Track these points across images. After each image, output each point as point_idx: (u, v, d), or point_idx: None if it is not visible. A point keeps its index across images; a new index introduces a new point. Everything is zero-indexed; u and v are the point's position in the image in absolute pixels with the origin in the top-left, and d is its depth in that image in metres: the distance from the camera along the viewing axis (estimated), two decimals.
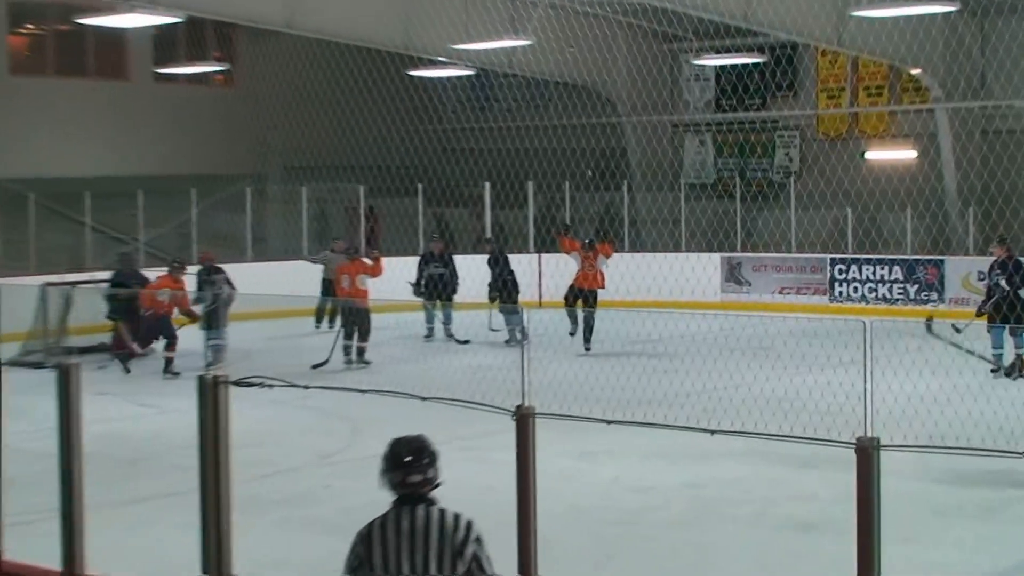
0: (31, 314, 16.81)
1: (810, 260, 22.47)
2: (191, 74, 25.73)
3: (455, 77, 26.56)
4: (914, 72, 23.19)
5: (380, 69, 23.31)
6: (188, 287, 16.75)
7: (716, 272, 22.81)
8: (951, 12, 19.36)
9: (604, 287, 17.84)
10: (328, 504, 9.38)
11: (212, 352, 15.61)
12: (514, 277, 18.88)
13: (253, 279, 18.00)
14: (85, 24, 19.41)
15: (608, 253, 17.94)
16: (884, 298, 21.54)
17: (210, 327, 15.87)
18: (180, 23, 19.83)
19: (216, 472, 5.43)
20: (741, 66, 25.27)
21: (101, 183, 22.53)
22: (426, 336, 19.17)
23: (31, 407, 7.63)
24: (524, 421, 5.05)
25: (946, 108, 23.22)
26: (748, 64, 25.00)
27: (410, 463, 4.27)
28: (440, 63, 22.94)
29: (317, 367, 15.75)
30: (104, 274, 18.45)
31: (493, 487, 7.55)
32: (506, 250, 20.01)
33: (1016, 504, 9.39)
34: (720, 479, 9.99)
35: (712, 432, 5.21)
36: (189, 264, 17.50)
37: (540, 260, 22.98)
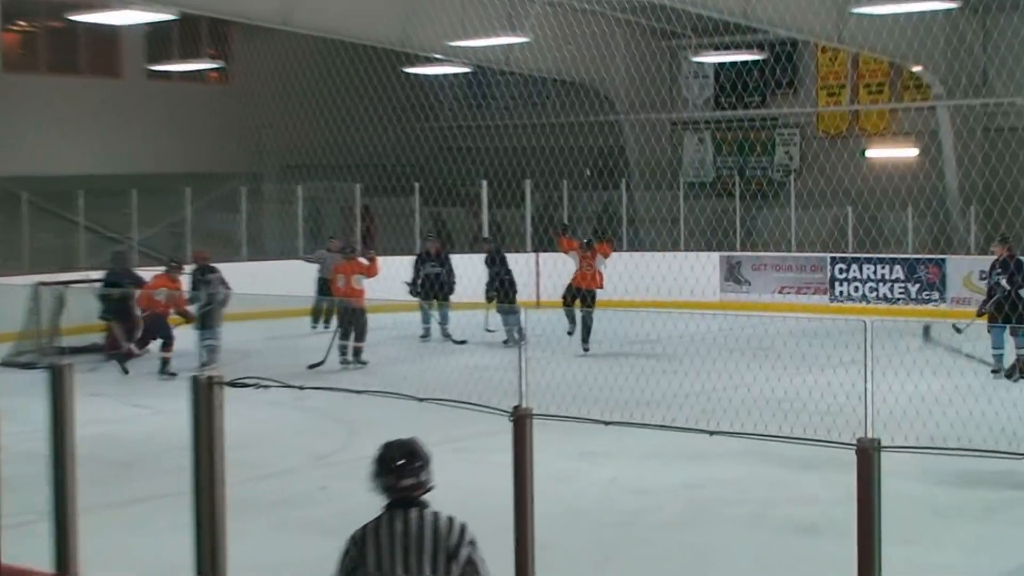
0: (23, 314, 16.76)
1: (810, 259, 22.42)
2: (185, 72, 25.69)
3: (452, 75, 26.53)
4: (915, 69, 23.15)
5: (376, 67, 23.23)
6: (183, 287, 16.69)
7: (715, 271, 22.75)
8: (952, 9, 19.36)
9: (602, 287, 17.81)
10: (324, 506, 9.34)
11: (206, 352, 15.58)
12: (512, 277, 18.82)
13: (248, 279, 17.89)
14: (78, 21, 19.36)
15: (607, 253, 17.89)
16: (885, 298, 21.49)
17: (204, 327, 15.83)
18: (174, 20, 19.74)
19: (210, 474, 5.44)
20: (741, 63, 25.26)
21: (94, 181, 22.50)
22: (422, 336, 19.13)
23: (23, 408, 7.58)
24: (521, 422, 5.04)
25: (947, 106, 23.20)
26: (748, 61, 24.98)
27: (402, 467, 4.25)
28: (437, 60, 22.91)
29: (313, 367, 15.76)
30: (97, 273, 18.35)
31: (490, 489, 7.46)
32: (503, 249, 19.94)
33: (1018, 505, 9.37)
34: (719, 480, 9.97)
35: (711, 433, 5.20)
36: (186, 264, 17.43)
37: (538, 259, 22.92)
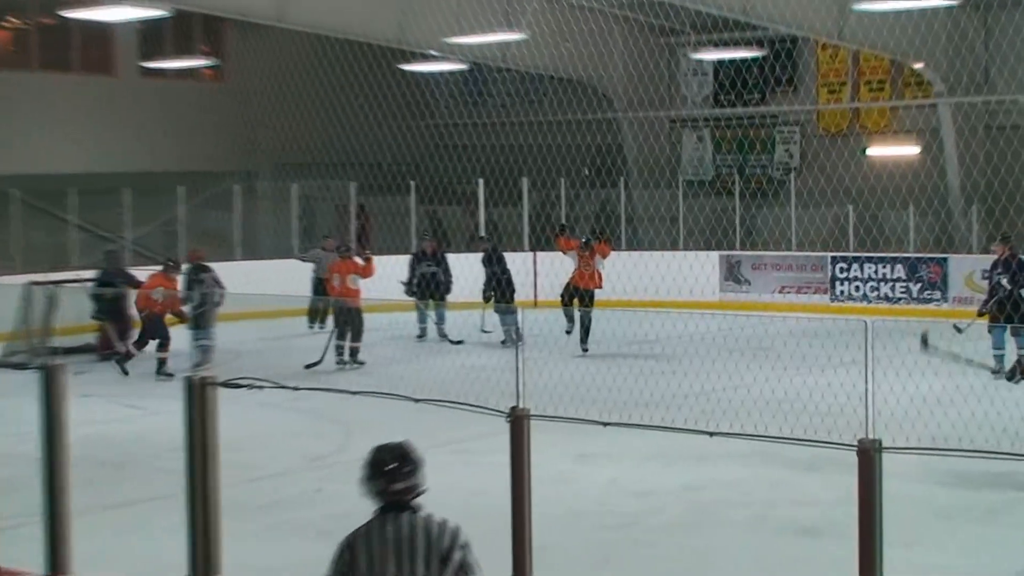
0: (15, 314, 16.72)
1: (811, 258, 22.35)
2: (179, 69, 25.65)
3: (448, 71, 26.42)
4: (916, 66, 23.09)
5: (371, 64, 23.15)
6: (180, 287, 16.63)
7: (715, 271, 22.68)
8: (954, 5, 19.33)
9: (601, 287, 17.74)
10: (319, 508, 9.30)
11: (200, 353, 15.48)
12: (510, 276, 18.75)
13: (242, 278, 17.86)
14: (70, 18, 19.27)
15: (605, 253, 17.83)
16: (886, 297, 21.42)
17: (198, 327, 15.74)
18: (167, 17, 19.66)
19: (204, 475, 5.46)
20: (740, 60, 25.21)
21: (87, 180, 22.45)
22: (419, 336, 19.07)
23: (15, 409, 7.53)
24: (519, 423, 5.06)
25: (949, 103, 23.16)
26: (747, 58, 24.92)
27: (393, 471, 4.25)
28: (433, 57, 22.82)
29: (310, 367, 15.77)
30: (89, 273, 18.32)
31: (487, 490, 7.50)
32: (500, 248, 19.85)
33: (1020, 507, 9.35)
34: (719, 482, 9.96)
35: (711, 434, 5.20)
36: (183, 263, 17.35)
37: (535, 259, 22.85)
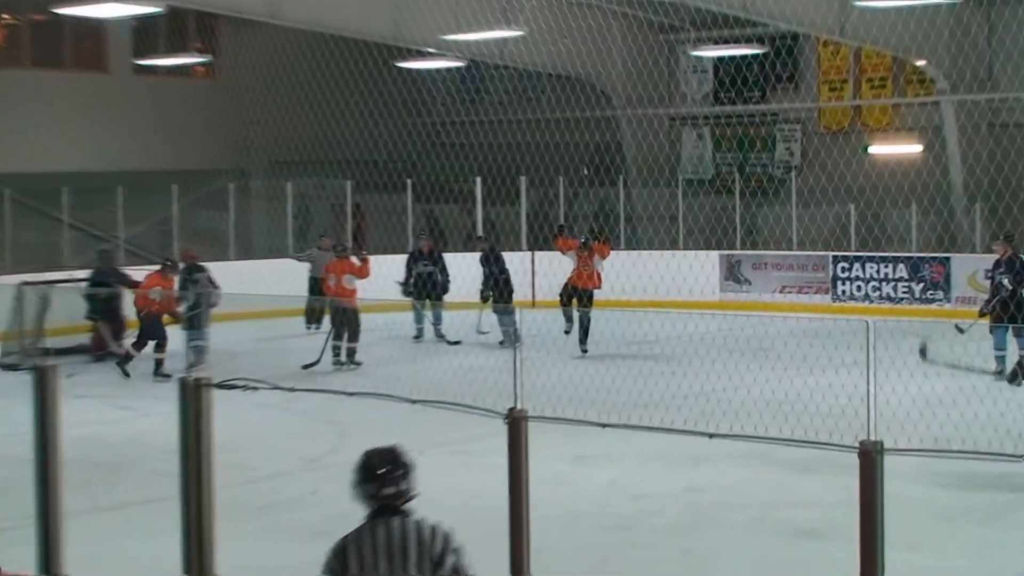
0: (7, 314, 16.70)
1: (812, 258, 22.28)
2: (172, 66, 25.56)
3: (445, 69, 26.32)
4: (919, 63, 23.06)
5: (367, 61, 23.07)
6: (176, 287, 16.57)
7: (715, 270, 22.61)
8: (956, 2, 19.29)
9: (600, 287, 17.67)
10: (314, 510, 9.28)
11: (194, 353, 15.39)
12: (508, 276, 18.67)
13: (237, 278, 17.78)
14: (63, 14, 19.21)
15: (605, 253, 17.76)
16: (888, 297, 21.35)
17: (192, 327, 15.65)
18: (160, 14, 19.59)
19: (198, 477, 5.45)
20: (740, 57, 25.14)
21: (79, 178, 22.36)
22: (415, 336, 19.00)
23: (7, 410, 7.46)
24: (517, 424, 5.05)
25: (952, 101, 23.12)
26: (747, 55, 24.85)
27: (384, 475, 4.24)
28: (430, 54, 22.74)
29: (308, 367, 15.75)
30: (82, 273, 18.28)
31: (485, 492, 7.46)
32: (498, 248, 19.77)
33: (1022, 508, 9.30)
34: (719, 484, 9.95)
35: (711, 435, 5.20)
36: (179, 263, 17.28)
37: (533, 258, 22.76)
